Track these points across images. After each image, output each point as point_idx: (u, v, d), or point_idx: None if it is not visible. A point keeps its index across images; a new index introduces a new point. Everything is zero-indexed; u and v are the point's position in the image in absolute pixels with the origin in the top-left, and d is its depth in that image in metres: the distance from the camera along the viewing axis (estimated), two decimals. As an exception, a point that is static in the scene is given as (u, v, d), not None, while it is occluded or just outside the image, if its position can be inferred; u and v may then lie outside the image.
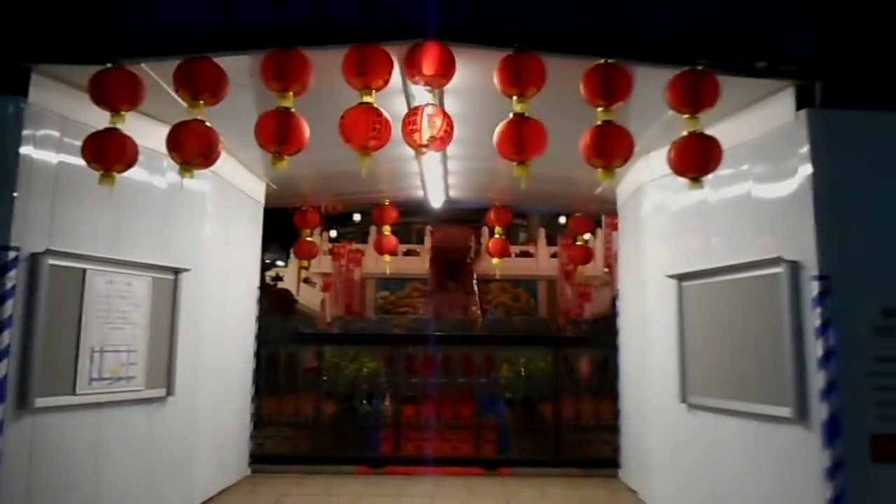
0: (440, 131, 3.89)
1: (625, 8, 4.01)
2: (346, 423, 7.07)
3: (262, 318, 6.88)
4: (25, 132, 3.98)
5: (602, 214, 11.14)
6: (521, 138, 3.86)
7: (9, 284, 3.86)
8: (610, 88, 3.87)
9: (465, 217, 11.30)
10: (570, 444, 6.87)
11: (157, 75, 4.04)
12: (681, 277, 5.05)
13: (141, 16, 3.97)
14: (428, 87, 3.91)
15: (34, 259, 4.01)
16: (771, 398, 4.13)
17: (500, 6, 3.97)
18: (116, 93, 3.88)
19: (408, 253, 15.95)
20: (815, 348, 3.87)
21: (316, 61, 3.82)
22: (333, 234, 22.03)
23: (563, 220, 14.78)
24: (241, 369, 6.39)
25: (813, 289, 3.89)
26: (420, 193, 7.34)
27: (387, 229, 7.66)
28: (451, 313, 10.88)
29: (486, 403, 7.08)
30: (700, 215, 4.89)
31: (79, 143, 4.00)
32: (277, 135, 3.76)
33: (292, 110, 3.84)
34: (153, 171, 4.81)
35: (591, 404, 6.99)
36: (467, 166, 6.48)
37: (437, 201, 7.17)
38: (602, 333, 7.48)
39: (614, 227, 10.46)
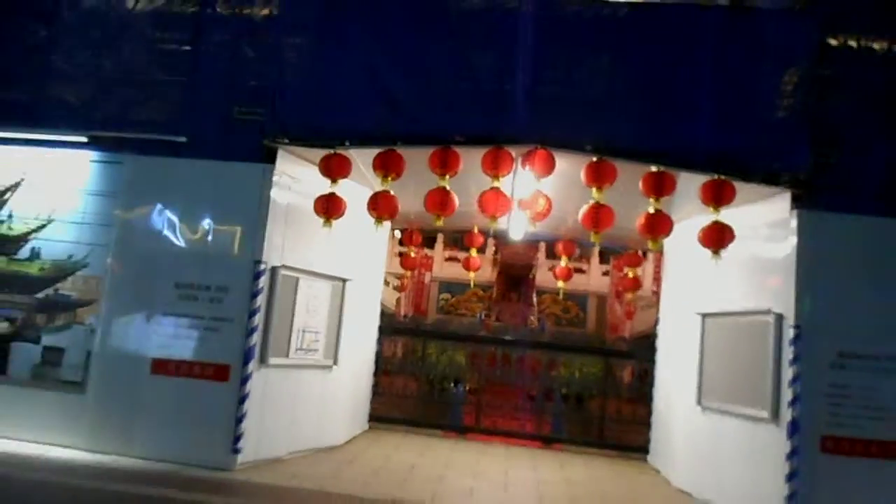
0: (543, 209, 6.03)
1: (672, 132, 6.04)
2: (439, 399, 9.41)
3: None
4: (273, 189, 6.31)
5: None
6: (598, 217, 5.96)
7: (259, 286, 6.22)
8: (660, 187, 5.95)
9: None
10: (611, 432, 9.04)
11: (360, 159, 6.31)
12: (704, 315, 7.08)
13: (352, 119, 6.21)
14: (536, 178, 6.05)
15: (274, 270, 6.36)
16: (756, 404, 6.12)
17: (588, 127, 6.05)
18: (334, 169, 6.17)
19: (465, 258, 17.97)
20: (787, 373, 5.85)
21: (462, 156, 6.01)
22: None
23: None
24: (368, 352, 8.75)
25: (790, 333, 5.87)
26: (504, 226, 9.41)
27: (474, 252, 9.85)
28: (513, 321, 12.99)
29: (546, 395, 9.28)
30: (720, 272, 6.80)
31: (302, 194, 6.33)
32: (440, 205, 5.95)
33: (448, 188, 6.04)
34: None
35: (629, 404, 9.10)
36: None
37: (517, 234, 9.24)
38: (643, 349, 9.52)
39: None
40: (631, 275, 9.67)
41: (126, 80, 6.76)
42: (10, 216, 6.66)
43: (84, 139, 6.58)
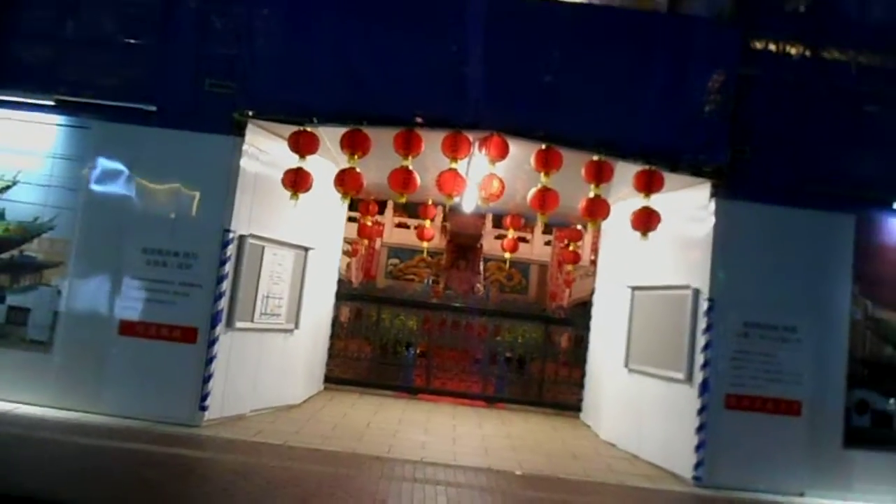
0: (497, 190, 6.66)
1: (613, 125, 6.74)
2: (391, 362, 10.08)
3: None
4: (242, 161, 6.67)
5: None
6: (545, 200, 6.65)
7: (227, 253, 6.62)
8: (599, 174, 6.67)
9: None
10: (549, 392, 9.97)
11: (327, 136, 6.74)
12: (634, 288, 7.94)
13: (321, 98, 6.61)
14: (491, 162, 6.65)
15: (241, 239, 6.77)
16: (673, 367, 7.05)
17: (539, 117, 6.68)
18: (303, 145, 6.59)
19: (417, 227, 18.45)
20: (701, 340, 6.77)
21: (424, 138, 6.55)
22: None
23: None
24: (326, 317, 9.28)
25: (704, 305, 6.77)
26: (457, 201, 10.04)
27: (428, 223, 10.43)
28: (461, 288, 13.74)
29: (491, 358, 10.10)
30: (649, 250, 7.62)
31: (270, 166, 6.74)
32: (403, 184, 6.49)
33: (410, 168, 6.57)
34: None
35: (566, 367, 10.02)
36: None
37: (469, 208, 9.88)
38: (580, 316, 10.42)
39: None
40: (571, 248, 10.51)
41: (96, 44, 6.93)
42: (-27, 176, 6.79)
43: (50, 102, 6.73)
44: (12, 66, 6.86)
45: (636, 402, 7.75)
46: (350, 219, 10.79)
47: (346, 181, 6.54)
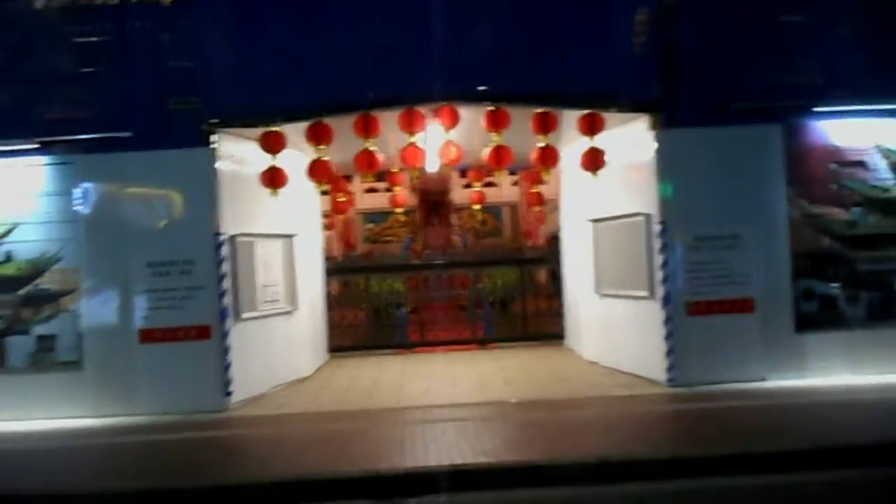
0: (455, 156, 7.41)
1: (550, 78, 7.44)
2: (385, 323, 11.02)
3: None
4: (218, 168, 7.35)
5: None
6: (499, 157, 7.43)
7: (222, 254, 7.37)
8: (545, 125, 7.45)
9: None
10: (533, 326, 11.00)
11: (293, 131, 7.41)
12: (595, 220, 8.84)
13: (279, 98, 7.24)
14: (445, 130, 7.38)
15: (232, 239, 7.52)
16: (638, 286, 8.02)
17: (481, 81, 7.36)
18: (272, 144, 7.27)
19: (388, 190, 18.78)
20: (658, 259, 7.70)
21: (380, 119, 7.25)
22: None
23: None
24: (319, 292, 10.12)
25: (657, 228, 7.68)
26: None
27: (398, 189, 11.18)
28: (437, 243, 14.59)
29: (476, 304, 11.08)
30: (602, 184, 8.43)
31: (245, 167, 7.43)
32: (367, 165, 7.22)
33: (373, 150, 7.28)
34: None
35: (545, 300, 11.02)
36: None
37: (433, 169, 10.60)
38: (553, 253, 11.35)
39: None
40: (534, 190, 11.33)
41: (62, 83, 7.51)
42: (-25, 226, 7.42)
43: (34, 146, 7.32)
44: (-10, 116, 7.42)
45: (610, 322, 8.75)
46: (323, 192, 11.49)
47: (317, 171, 7.28)
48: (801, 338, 7.76)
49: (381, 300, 11.13)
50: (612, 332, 8.71)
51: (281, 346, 8.45)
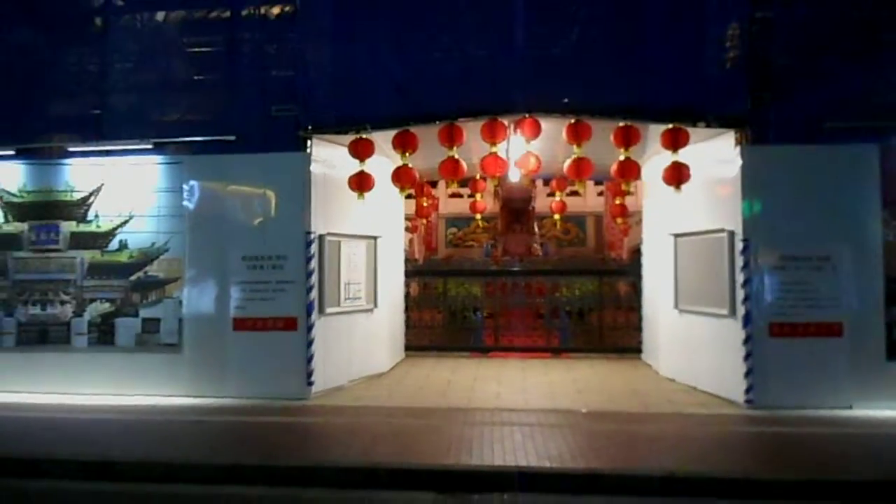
0: (534, 166, 7.64)
1: (634, 92, 7.54)
2: (461, 326, 11.37)
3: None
4: (312, 171, 7.92)
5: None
6: (580, 168, 7.59)
7: (311, 252, 7.93)
8: (627, 139, 7.54)
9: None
10: (609, 338, 11.00)
11: (381, 138, 7.87)
12: (676, 235, 8.80)
13: (371, 107, 7.72)
14: (526, 141, 7.62)
15: (321, 238, 8.06)
16: (718, 304, 7.94)
17: (565, 95, 7.55)
18: (361, 150, 7.74)
19: (471, 196, 19.13)
20: (740, 277, 7.61)
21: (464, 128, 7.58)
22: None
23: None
24: (399, 293, 10.59)
25: (740, 246, 7.59)
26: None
27: (479, 196, 11.49)
28: (518, 250, 14.79)
29: (553, 313, 11.23)
30: (685, 199, 8.37)
31: (335, 171, 7.96)
32: (452, 172, 7.57)
33: (456, 157, 7.62)
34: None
35: (623, 313, 11.01)
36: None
37: (515, 178, 10.86)
38: (634, 265, 11.33)
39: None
40: (618, 202, 11.34)
41: (176, 89, 8.33)
42: (96, 216, 8.34)
43: (148, 146, 8.15)
44: (113, 119, 8.29)
45: (689, 339, 8.68)
46: (407, 196, 11.97)
47: (401, 177, 7.70)
48: (892, 366, 7.45)
49: (459, 303, 11.51)
50: (691, 349, 8.64)
51: (360, 341, 8.94)
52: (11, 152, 8.66)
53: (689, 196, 8.08)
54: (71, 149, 8.50)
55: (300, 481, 5.62)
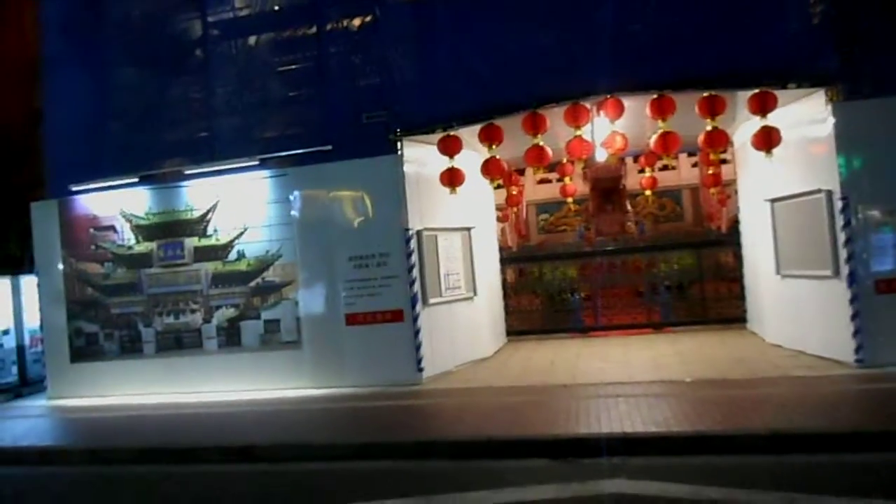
0: (621, 145, 8.03)
1: (718, 60, 7.76)
2: (560, 309, 11.90)
3: (492, 248, 11.66)
4: (405, 171, 8.68)
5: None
6: (667, 143, 7.91)
7: (411, 247, 8.69)
8: (713, 108, 7.79)
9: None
10: (713, 309, 11.19)
11: (468, 134, 8.52)
12: (772, 200, 8.93)
13: (455, 105, 8.37)
14: (611, 121, 8.02)
15: (419, 233, 8.81)
16: (820, 266, 8.05)
17: (645, 72, 7.89)
18: (450, 147, 8.41)
19: (559, 180, 19.25)
20: (841, 236, 7.70)
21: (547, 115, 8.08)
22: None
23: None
24: (496, 280, 11.27)
25: (839, 205, 7.69)
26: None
27: (568, 179, 11.94)
28: (611, 230, 15.04)
29: (652, 288, 11.54)
30: (778, 163, 8.51)
31: (427, 169, 8.68)
32: (538, 159, 8.09)
33: (541, 144, 8.14)
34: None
35: (725, 283, 11.17)
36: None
37: (602, 158, 11.20)
38: (733, 234, 11.42)
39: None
40: (711, 172, 11.44)
41: (276, 108, 9.32)
42: (215, 231, 9.47)
43: (255, 162, 9.18)
44: (222, 140, 9.41)
45: (793, 304, 8.80)
46: (496, 186, 12.57)
47: (490, 169, 8.31)
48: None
49: (555, 287, 12.03)
50: (796, 313, 8.75)
51: (464, 328, 9.65)
52: (135, 180, 9.93)
53: (783, 159, 8.23)
54: (187, 171, 9.66)
55: (421, 455, 6.33)
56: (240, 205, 9.39)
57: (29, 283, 10.95)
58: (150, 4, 10.19)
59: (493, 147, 8.30)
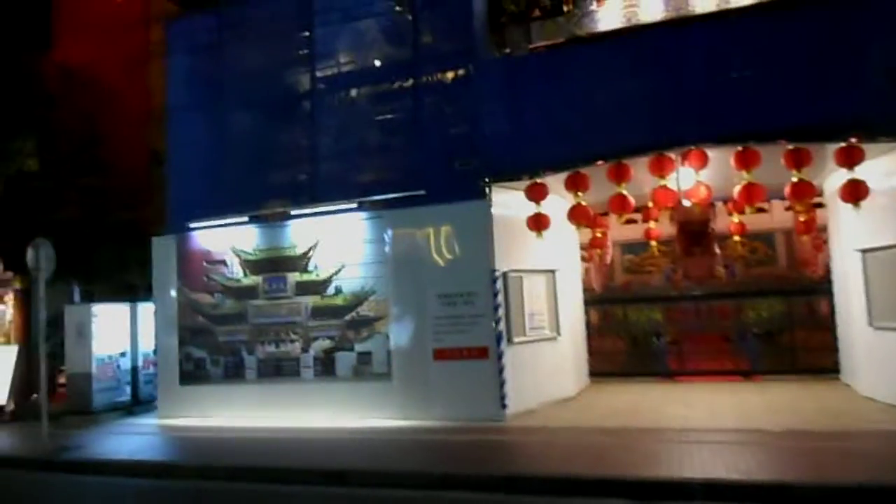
0: (705, 195, 8.34)
1: (803, 113, 7.97)
2: (644, 352, 12.11)
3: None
4: (493, 215, 9.28)
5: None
6: (750, 194, 8.17)
7: (497, 287, 9.24)
8: (799, 161, 7.99)
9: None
10: (803, 359, 11.12)
11: (553, 180, 9.06)
12: (863, 251, 8.95)
13: (543, 154, 8.93)
14: (695, 172, 8.36)
15: (505, 275, 9.37)
16: (915, 319, 8.01)
17: (731, 124, 8.19)
18: (536, 194, 8.96)
19: (645, 221, 19.10)
20: (937, 290, 7.70)
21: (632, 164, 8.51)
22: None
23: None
24: (579, 321, 11.65)
25: (934, 256, 7.70)
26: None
27: (652, 223, 12.21)
28: (698, 274, 15.07)
29: (741, 335, 11.60)
30: (869, 214, 8.54)
31: (514, 212, 9.26)
32: (621, 207, 8.51)
33: (624, 192, 8.56)
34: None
35: (816, 332, 11.09)
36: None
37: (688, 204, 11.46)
38: (825, 282, 11.34)
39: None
40: (802, 219, 11.44)
41: (373, 154, 10.22)
42: (315, 267, 10.35)
43: (354, 205, 10.04)
44: (323, 184, 10.34)
45: (887, 356, 8.73)
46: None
47: (577, 215, 8.79)
48: None
49: (640, 329, 12.26)
50: (890, 366, 8.68)
51: (547, 367, 10.07)
52: (245, 219, 10.99)
53: (873, 210, 8.32)
54: (292, 212, 10.64)
55: (505, 489, 6.75)
56: (338, 243, 10.24)
57: (144, 309, 12.17)
58: (266, 60, 11.33)
59: (579, 195, 8.78)
